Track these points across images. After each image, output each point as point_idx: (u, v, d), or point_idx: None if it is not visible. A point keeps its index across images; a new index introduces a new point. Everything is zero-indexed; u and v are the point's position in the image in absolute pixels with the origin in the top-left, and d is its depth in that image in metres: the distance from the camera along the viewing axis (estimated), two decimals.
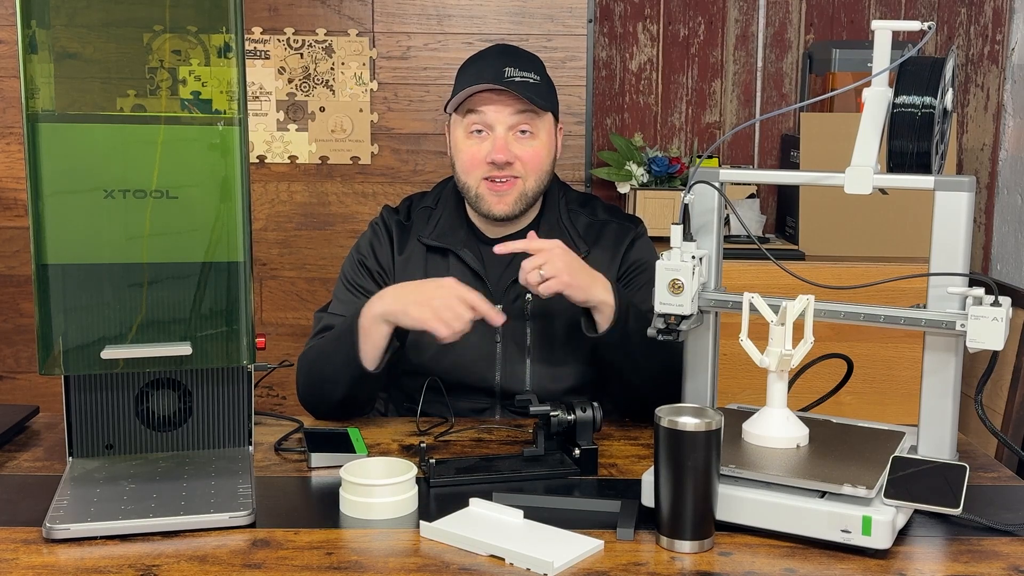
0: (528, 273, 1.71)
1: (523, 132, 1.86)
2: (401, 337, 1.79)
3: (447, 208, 1.96)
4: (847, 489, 1.29)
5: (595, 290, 1.73)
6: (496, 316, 1.70)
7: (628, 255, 1.94)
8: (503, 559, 1.26)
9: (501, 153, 1.84)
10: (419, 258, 1.92)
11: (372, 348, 1.75)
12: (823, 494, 1.31)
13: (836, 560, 1.28)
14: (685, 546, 1.29)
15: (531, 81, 1.86)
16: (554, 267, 1.70)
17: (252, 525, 1.36)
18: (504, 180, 1.85)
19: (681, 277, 1.47)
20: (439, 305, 1.68)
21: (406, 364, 1.90)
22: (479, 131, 1.86)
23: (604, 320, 1.74)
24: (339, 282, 1.97)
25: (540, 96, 1.86)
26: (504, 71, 1.85)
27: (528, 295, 1.86)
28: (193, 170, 1.35)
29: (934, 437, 1.45)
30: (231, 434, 1.59)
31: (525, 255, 1.92)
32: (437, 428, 1.77)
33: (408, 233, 1.95)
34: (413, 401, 1.90)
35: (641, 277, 1.92)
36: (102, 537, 1.32)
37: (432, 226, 1.94)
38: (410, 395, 1.92)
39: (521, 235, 1.93)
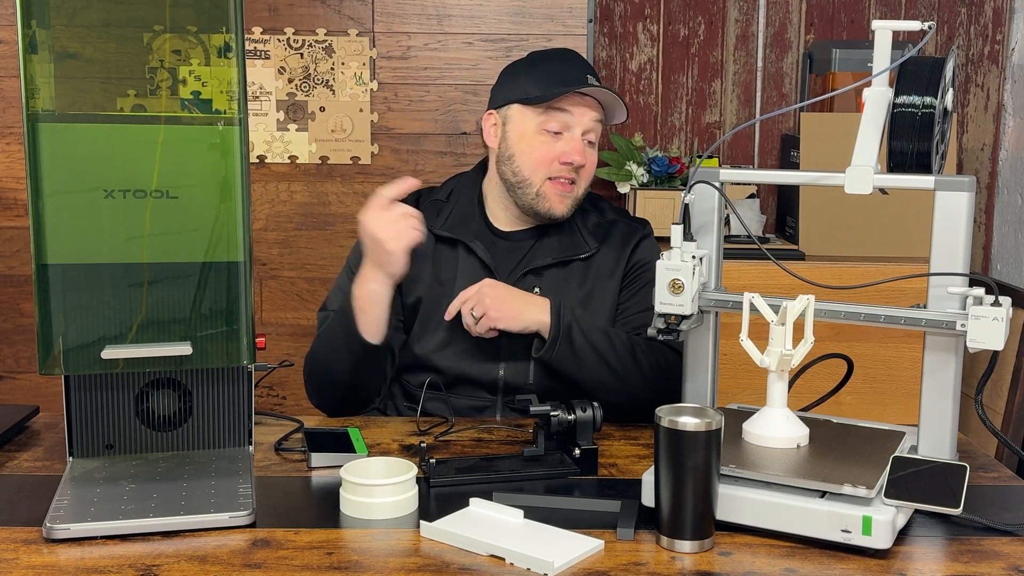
0: (465, 319, 1.79)
1: (592, 141, 1.91)
2: (408, 327, 1.80)
3: (460, 200, 1.97)
4: (847, 489, 1.29)
5: (528, 315, 1.77)
6: (404, 183, 1.75)
7: (634, 255, 1.95)
8: (503, 559, 1.26)
9: (580, 155, 1.87)
10: (427, 248, 1.92)
11: (371, 320, 1.77)
12: (823, 494, 1.31)
13: (836, 560, 1.28)
14: (685, 546, 1.29)
15: (609, 91, 1.89)
16: (481, 305, 1.77)
17: (252, 525, 1.36)
18: (568, 182, 1.88)
19: (681, 277, 1.47)
20: (394, 229, 1.72)
21: (409, 358, 1.90)
22: (557, 131, 1.88)
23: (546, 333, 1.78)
24: (343, 272, 1.96)
25: (612, 108, 1.91)
26: (587, 77, 1.88)
27: (536, 289, 1.87)
28: (193, 170, 1.35)
29: (934, 437, 1.45)
30: (231, 434, 1.59)
31: (532, 250, 1.93)
32: (437, 428, 1.77)
33: None
34: (414, 400, 1.90)
35: (645, 276, 1.93)
36: (102, 537, 1.32)
37: (444, 218, 1.95)
38: (411, 394, 1.92)
39: (533, 231, 1.94)
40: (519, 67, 1.95)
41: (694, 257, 1.48)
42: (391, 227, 1.72)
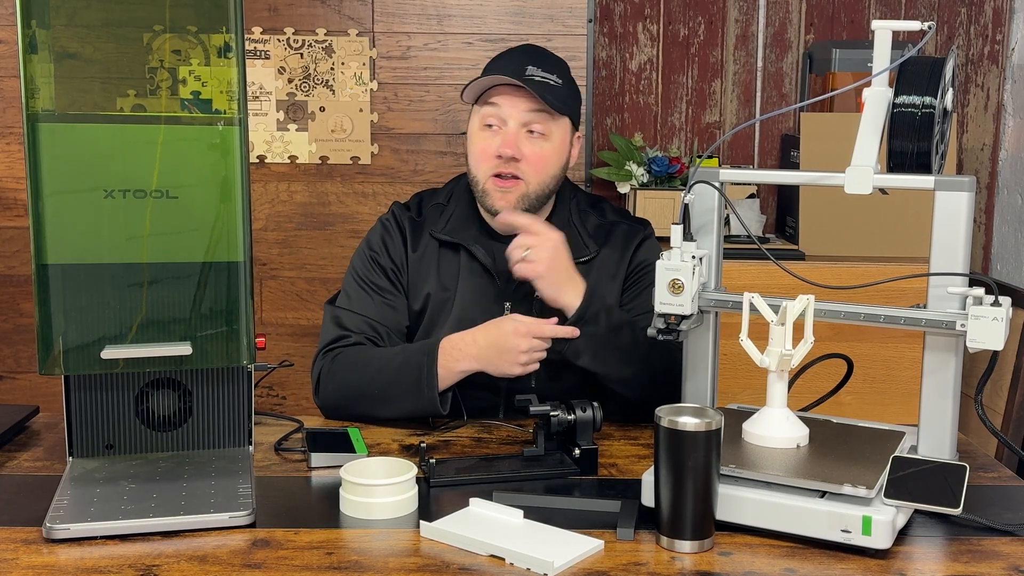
0: (513, 248, 1.78)
1: (534, 132, 1.87)
2: (413, 331, 1.82)
3: (460, 204, 1.97)
4: (847, 489, 1.29)
5: (565, 293, 1.77)
6: (569, 333, 1.75)
7: (636, 256, 1.95)
8: (503, 559, 1.26)
9: (508, 147, 1.84)
10: (432, 253, 1.92)
11: (444, 388, 1.78)
12: (823, 494, 1.31)
13: (836, 560, 1.28)
14: (685, 546, 1.29)
15: (551, 83, 1.86)
16: (538, 254, 1.76)
17: (252, 525, 1.36)
18: (507, 178, 1.85)
19: (681, 277, 1.47)
20: (525, 360, 1.74)
21: None
22: (491, 124, 1.87)
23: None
24: (350, 277, 1.95)
25: (558, 99, 1.86)
26: (526, 69, 1.86)
27: (536, 293, 1.87)
28: (193, 170, 1.35)
29: (934, 437, 1.45)
30: (231, 434, 1.59)
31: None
32: (448, 424, 1.78)
33: (421, 229, 1.95)
34: None
35: (647, 278, 1.93)
36: (102, 537, 1.32)
37: (444, 221, 1.94)
38: None
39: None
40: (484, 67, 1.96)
41: (694, 257, 1.48)
42: (526, 356, 1.73)
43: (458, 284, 1.88)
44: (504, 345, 1.74)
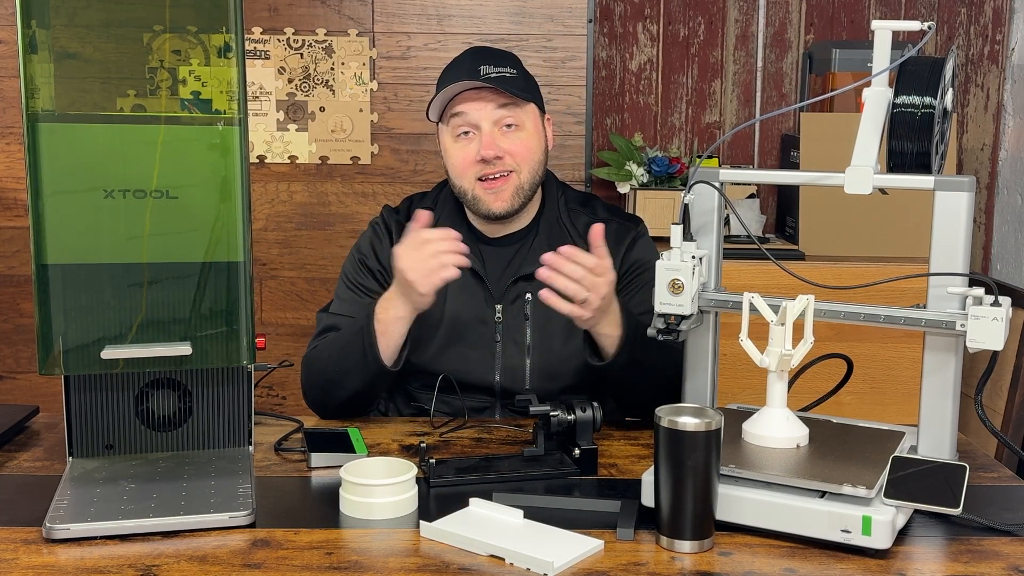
0: (573, 284, 1.61)
1: (509, 126, 1.86)
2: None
3: (446, 209, 1.96)
4: (847, 489, 1.29)
5: (604, 324, 1.71)
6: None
7: (629, 255, 1.93)
8: (503, 559, 1.26)
9: (490, 149, 1.84)
10: None
11: (390, 344, 1.77)
12: (823, 494, 1.31)
13: (836, 560, 1.28)
14: (685, 546, 1.29)
15: (507, 75, 1.86)
16: (597, 298, 1.63)
17: (252, 525, 1.36)
18: (496, 176, 1.85)
19: (681, 277, 1.47)
20: (432, 264, 1.68)
21: (407, 365, 1.90)
22: (465, 132, 1.87)
23: (608, 346, 1.73)
24: (340, 281, 1.97)
25: (519, 88, 1.86)
26: (479, 69, 1.85)
27: (527, 295, 1.86)
28: (193, 170, 1.35)
29: (934, 437, 1.45)
30: (231, 434, 1.59)
31: (521, 255, 1.91)
32: (448, 424, 1.78)
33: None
34: (416, 401, 1.90)
35: (642, 277, 1.92)
36: (102, 537, 1.32)
37: (431, 227, 1.93)
38: (413, 395, 1.92)
39: (521, 235, 1.93)
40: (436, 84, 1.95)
41: (694, 257, 1.48)
42: (422, 265, 1.69)
43: (448, 289, 1.88)
44: (401, 269, 1.70)
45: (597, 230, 1.67)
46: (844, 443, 1.45)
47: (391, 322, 1.76)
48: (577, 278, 1.62)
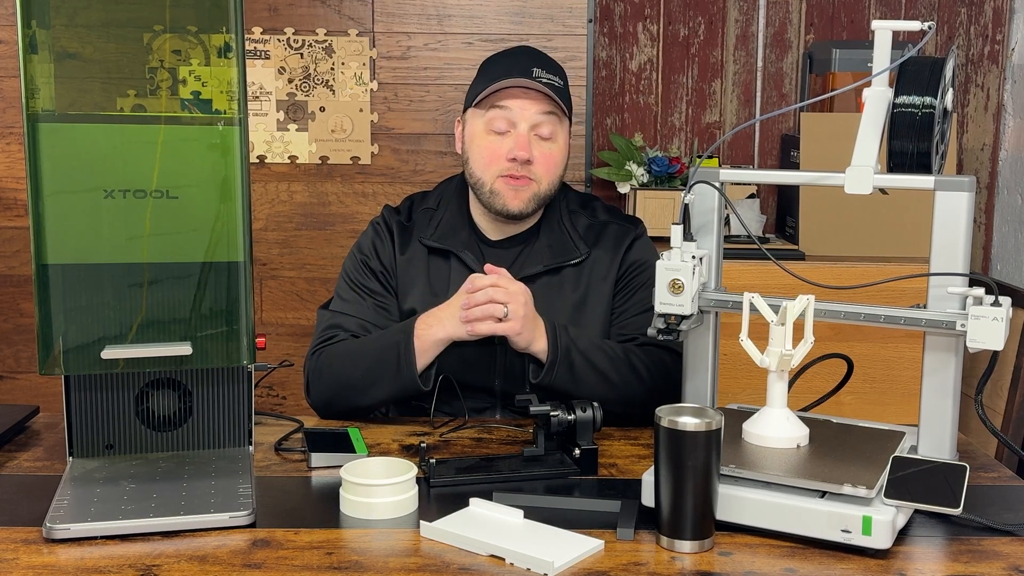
0: (486, 304, 1.71)
1: (543, 136, 1.87)
2: None
3: (449, 209, 1.96)
4: (847, 489, 1.29)
5: (536, 342, 1.76)
6: (494, 269, 1.75)
7: (628, 256, 1.94)
8: (503, 559, 1.26)
9: (523, 150, 1.84)
10: (421, 259, 1.92)
11: (425, 364, 1.77)
12: (823, 494, 1.31)
13: (836, 560, 1.28)
14: (685, 546, 1.29)
15: (556, 84, 1.87)
16: (515, 313, 1.72)
17: (252, 525, 1.36)
18: (519, 178, 1.86)
19: (681, 277, 1.47)
20: (463, 316, 1.72)
21: None
22: (500, 127, 1.87)
23: (542, 359, 1.77)
24: (342, 280, 1.96)
25: (564, 100, 1.88)
26: (532, 70, 1.86)
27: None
28: (193, 170, 1.35)
29: (934, 437, 1.45)
30: (231, 434, 1.59)
31: (522, 257, 1.92)
32: (449, 424, 1.78)
33: (410, 234, 1.95)
34: (417, 401, 1.90)
35: (641, 278, 1.92)
36: (102, 537, 1.32)
37: (433, 227, 1.94)
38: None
39: (523, 237, 1.93)
40: (478, 71, 1.96)
41: (694, 257, 1.48)
42: (462, 312, 1.72)
43: (449, 290, 1.88)
44: (465, 310, 1.73)
45: (489, 270, 1.76)
46: (844, 443, 1.45)
47: (435, 342, 1.76)
48: (489, 297, 1.70)
